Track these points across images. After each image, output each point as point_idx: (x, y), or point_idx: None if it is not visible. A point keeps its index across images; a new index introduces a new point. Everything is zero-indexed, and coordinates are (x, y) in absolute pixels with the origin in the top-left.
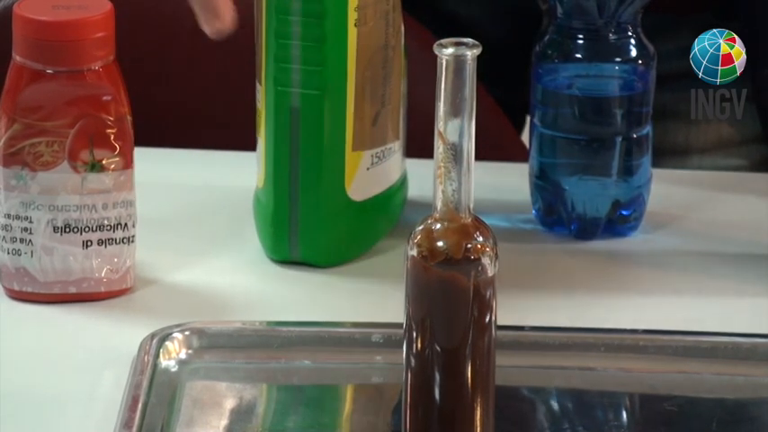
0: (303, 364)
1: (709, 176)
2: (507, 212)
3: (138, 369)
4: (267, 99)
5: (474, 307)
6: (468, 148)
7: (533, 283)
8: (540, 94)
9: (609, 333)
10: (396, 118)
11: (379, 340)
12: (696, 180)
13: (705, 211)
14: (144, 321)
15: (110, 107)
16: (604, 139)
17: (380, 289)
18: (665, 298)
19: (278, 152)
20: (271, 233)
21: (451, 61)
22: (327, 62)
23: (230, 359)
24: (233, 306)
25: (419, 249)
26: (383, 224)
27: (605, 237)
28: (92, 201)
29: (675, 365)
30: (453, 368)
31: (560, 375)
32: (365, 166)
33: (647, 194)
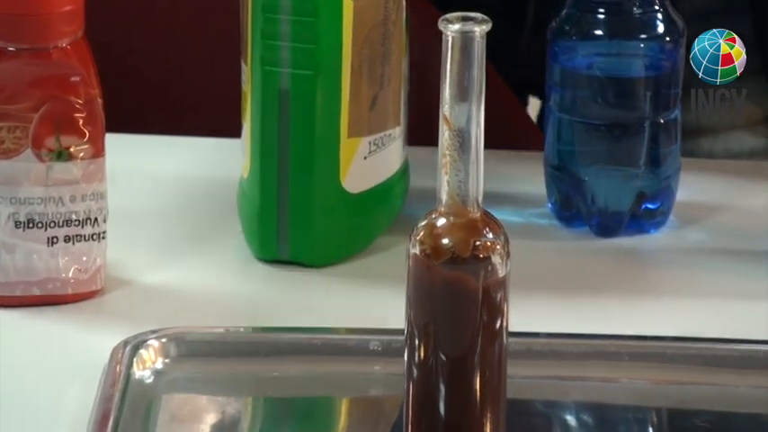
0: (293, 375)
1: (747, 166)
2: (520, 206)
3: (108, 380)
4: (253, 80)
5: (483, 311)
6: (477, 135)
7: (549, 284)
8: (557, 74)
9: (633, 340)
10: (396, 101)
11: (377, 348)
12: (732, 169)
13: (741, 203)
14: (116, 327)
15: (78, 89)
16: (628, 125)
17: (379, 291)
18: (697, 301)
19: (265, 139)
20: (257, 229)
21: (458, 38)
22: (320, 39)
23: (212, 369)
24: (215, 310)
25: (422, 247)
26: (382, 219)
27: (629, 233)
28: (58, 193)
29: (708, 377)
30: (460, 379)
31: (579, 388)
32: (362, 154)
33: (676, 186)
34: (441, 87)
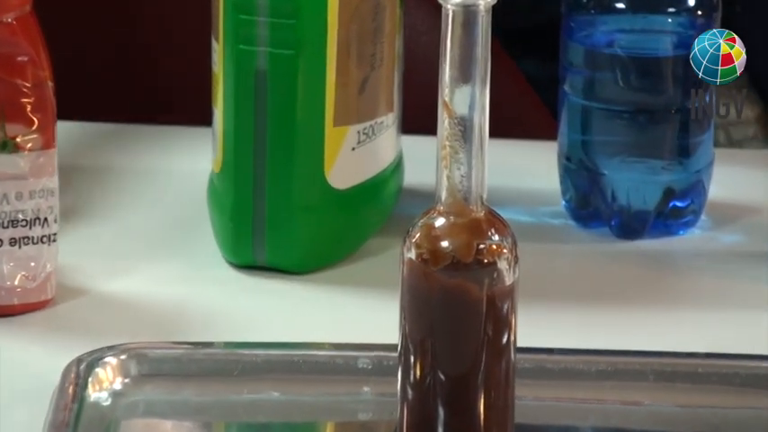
0: (271, 397)
1: None
2: (530, 204)
3: (60, 403)
4: (226, 60)
5: (487, 324)
6: (481, 123)
7: (563, 293)
8: (573, 54)
9: (660, 357)
10: (389, 84)
11: (366, 366)
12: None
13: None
14: (68, 342)
15: (26, 70)
16: (654, 111)
17: (369, 301)
18: (732, 313)
19: (239, 128)
20: (230, 230)
21: (459, 13)
22: (302, 13)
23: (178, 390)
24: (182, 323)
25: (418, 251)
26: (373, 219)
27: (654, 235)
28: (2, 189)
29: (745, 399)
30: (461, 401)
31: (598, 411)
32: (350, 145)
33: (708, 181)
34: (440, 69)
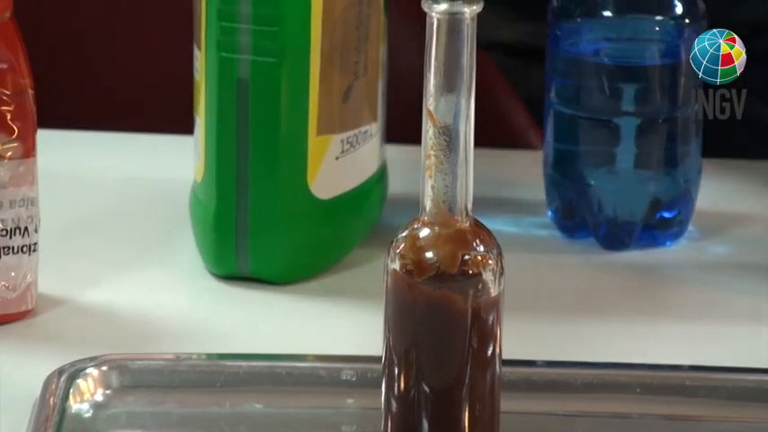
0: (254, 409)
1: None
2: (516, 215)
3: (41, 415)
4: (208, 68)
5: (472, 336)
6: (466, 132)
7: (549, 305)
8: (558, 62)
9: (646, 370)
10: (373, 93)
11: (350, 378)
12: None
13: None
14: (49, 353)
15: (6, 78)
16: (641, 121)
17: (353, 313)
18: (720, 325)
19: (221, 136)
20: (213, 240)
21: (445, 21)
22: (285, 20)
23: (160, 402)
24: (164, 334)
25: (403, 262)
26: (356, 229)
27: (641, 246)
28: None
29: (733, 411)
30: (446, 414)
31: (584, 424)
32: (333, 154)
33: (696, 191)
34: (424, 77)
